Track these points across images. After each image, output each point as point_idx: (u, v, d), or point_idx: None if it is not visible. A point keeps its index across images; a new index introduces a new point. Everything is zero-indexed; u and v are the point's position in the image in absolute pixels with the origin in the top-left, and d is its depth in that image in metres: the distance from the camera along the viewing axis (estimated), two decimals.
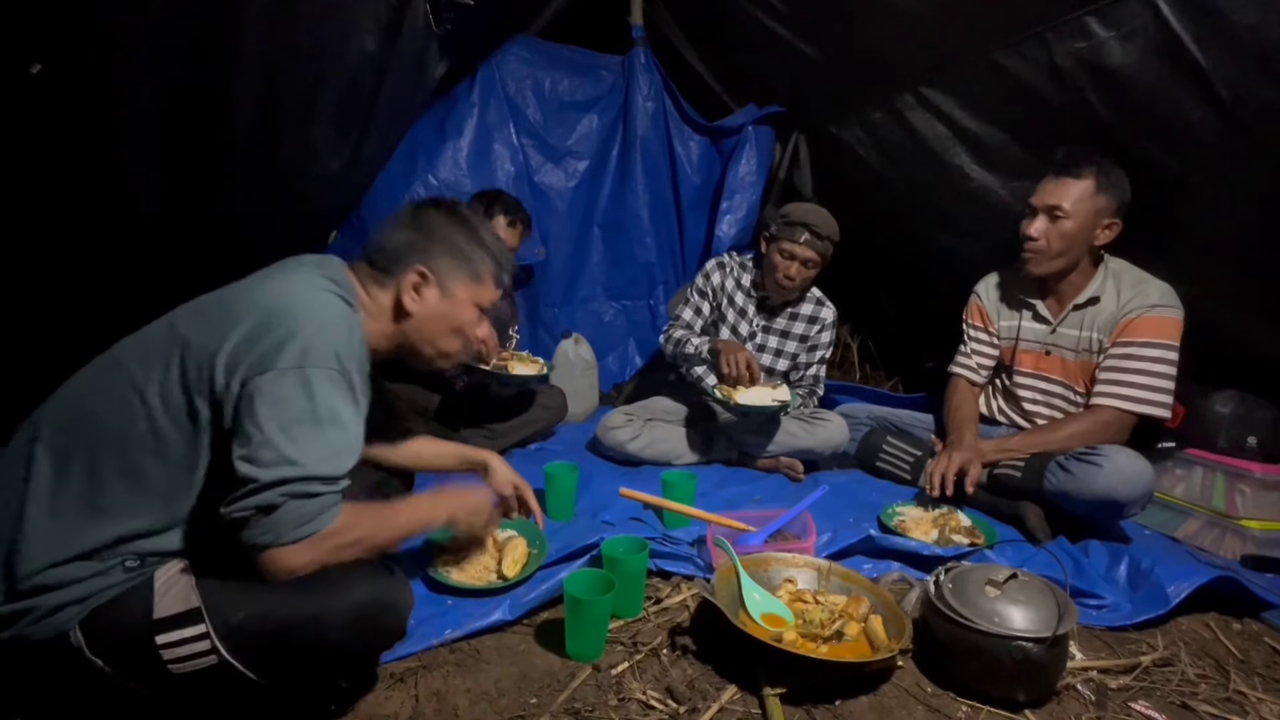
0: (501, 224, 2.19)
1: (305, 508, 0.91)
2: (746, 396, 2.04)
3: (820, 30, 2.50)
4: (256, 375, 0.90)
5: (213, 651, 0.89)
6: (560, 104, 3.02)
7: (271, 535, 0.90)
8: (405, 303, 1.14)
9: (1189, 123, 1.71)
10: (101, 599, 0.90)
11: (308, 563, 0.93)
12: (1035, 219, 1.86)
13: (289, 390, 0.91)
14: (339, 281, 1.07)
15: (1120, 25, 1.70)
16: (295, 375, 0.92)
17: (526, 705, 1.13)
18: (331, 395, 0.94)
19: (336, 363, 0.96)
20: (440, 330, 1.19)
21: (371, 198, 2.67)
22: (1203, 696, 1.25)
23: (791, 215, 2.20)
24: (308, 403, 0.92)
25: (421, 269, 1.14)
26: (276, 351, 0.92)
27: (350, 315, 1.04)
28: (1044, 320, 1.99)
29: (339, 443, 0.95)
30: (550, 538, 1.53)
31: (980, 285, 2.15)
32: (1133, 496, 1.65)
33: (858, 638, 1.27)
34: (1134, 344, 1.80)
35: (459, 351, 1.23)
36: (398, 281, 1.15)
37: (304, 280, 1.02)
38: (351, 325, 1.03)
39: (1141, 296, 1.82)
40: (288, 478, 0.89)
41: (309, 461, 0.91)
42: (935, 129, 2.36)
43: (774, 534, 1.62)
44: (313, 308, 0.98)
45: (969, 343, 2.15)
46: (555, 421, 2.46)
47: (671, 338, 2.33)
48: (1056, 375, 1.97)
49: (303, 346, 0.93)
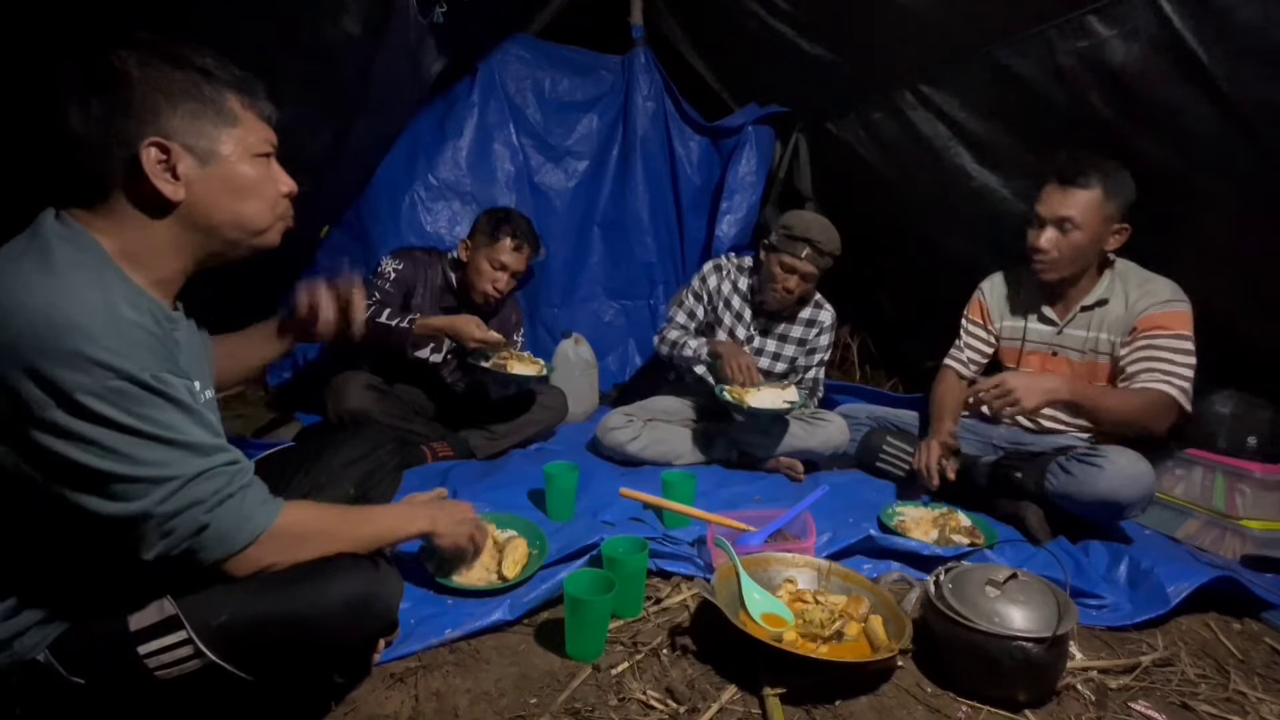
0: (507, 246, 2.18)
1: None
2: (758, 399, 2.04)
3: (821, 28, 2.50)
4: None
5: (197, 655, 0.86)
6: (560, 104, 3.02)
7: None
8: (165, 192, 0.86)
9: (1190, 121, 1.71)
10: (63, 623, 0.87)
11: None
12: (1044, 230, 1.83)
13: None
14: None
15: (1122, 24, 1.70)
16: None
17: (526, 705, 1.13)
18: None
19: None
20: (231, 204, 0.92)
21: (371, 197, 2.68)
22: (1203, 696, 1.25)
23: (794, 229, 2.17)
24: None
25: (155, 140, 0.85)
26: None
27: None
28: (1050, 322, 1.97)
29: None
30: (550, 538, 1.53)
31: (986, 283, 2.14)
32: (1134, 498, 1.65)
33: (858, 638, 1.27)
34: (1163, 335, 1.76)
35: (269, 218, 0.96)
36: (125, 179, 0.85)
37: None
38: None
39: (1151, 295, 1.80)
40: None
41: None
42: (935, 128, 2.36)
43: (774, 534, 1.61)
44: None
45: (965, 337, 2.15)
46: (555, 421, 2.46)
47: (666, 339, 2.33)
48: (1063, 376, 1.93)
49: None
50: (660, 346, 2.36)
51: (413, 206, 2.73)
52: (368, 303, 2.08)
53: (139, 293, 0.86)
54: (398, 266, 2.21)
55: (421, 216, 2.73)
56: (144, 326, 0.82)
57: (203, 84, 0.89)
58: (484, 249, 2.20)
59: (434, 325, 2.07)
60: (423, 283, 2.25)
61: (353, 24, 1.80)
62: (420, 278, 2.24)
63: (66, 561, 0.87)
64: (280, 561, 0.91)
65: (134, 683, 0.87)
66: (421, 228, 2.72)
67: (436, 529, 1.18)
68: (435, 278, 2.27)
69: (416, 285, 2.24)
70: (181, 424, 0.83)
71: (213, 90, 0.89)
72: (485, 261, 2.19)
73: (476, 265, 2.21)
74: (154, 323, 0.84)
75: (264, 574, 0.90)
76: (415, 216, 2.72)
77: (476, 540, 1.33)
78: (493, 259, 2.19)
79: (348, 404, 2.02)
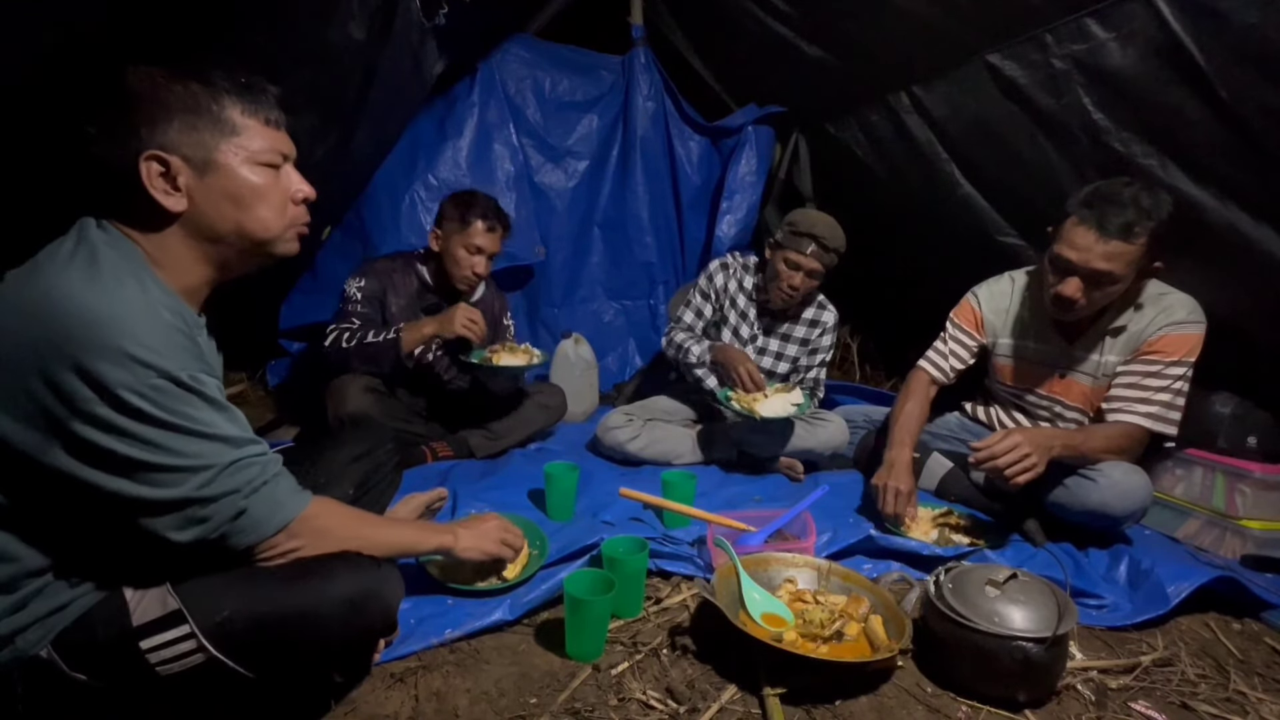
0: (480, 229, 2.16)
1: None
2: (767, 408, 2.02)
3: (820, 29, 2.50)
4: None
5: (200, 650, 0.87)
6: (560, 104, 3.02)
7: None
8: (165, 205, 0.88)
9: (1188, 125, 1.71)
10: (66, 618, 0.88)
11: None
12: (1071, 279, 1.62)
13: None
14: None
15: (1120, 27, 1.70)
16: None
17: (526, 705, 1.13)
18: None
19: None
20: (234, 214, 0.92)
21: (371, 197, 2.68)
22: (1203, 696, 1.25)
23: (799, 225, 2.16)
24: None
25: (151, 153, 0.86)
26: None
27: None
28: (1059, 341, 1.84)
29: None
30: (550, 538, 1.53)
31: (982, 290, 1.99)
32: (1127, 511, 1.63)
33: (858, 638, 1.27)
34: (1159, 361, 1.69)
35: (278, 226, 0.96)
36: (137, 192, 0.87)
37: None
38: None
39: (1166, 313, 1.70)
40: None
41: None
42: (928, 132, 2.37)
43: (774, 534, 1.62)
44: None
45: (948, 342, 2.00)
46: (555, 421, 2.46)
47: (673, 341, 2.33)
48: (1072, 400, 1.86)
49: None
50: (668, 348, 2.36)
51: (413, 206, 2.72)
52: (350, 329, 2.07)
53: (173, 296, 0.90)
54: (361, 285, 2.14)
55: (421, 216, 2.73)
56: (179, 328, 0.86)
57: (201, 95, 0.90)
58: (456, 235, 2.15)
59: (423, 331, 2.05)
60: (393, 290, 2.19)
61: (358, 29, 1.80)
62: (389, 285, 2.19)
63: (87, 551, 0.89)
64: (307, 549, 0.95)
65: (135, 679, 0.88)
66: (421, 228, 2.71)
67: (459, 543, 1.22)
68: (407, 281, 2.22)
69: (387, 294, 2.18)
70: (215, 419, 0.87)
71: (211, 100, 0.90)
72: (460, 248, 2.15)
73: (452, 253, 2.17)
74: (186, 325, 0.88)
75: (278, 564, 0.94)
76: (415, 216, 2.72)
77: (510, 542, 1.33)
78: (467, 244, 2.15)
79: (347, 407, 2.02)
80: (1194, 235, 1.85)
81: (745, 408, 2.02)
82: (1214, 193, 1.77)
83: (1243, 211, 1.75)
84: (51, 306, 0.79)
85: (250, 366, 2.82)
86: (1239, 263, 1.81)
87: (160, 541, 0.86)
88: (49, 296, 0.79)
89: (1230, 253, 1.81)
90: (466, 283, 2.21)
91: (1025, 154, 2.11)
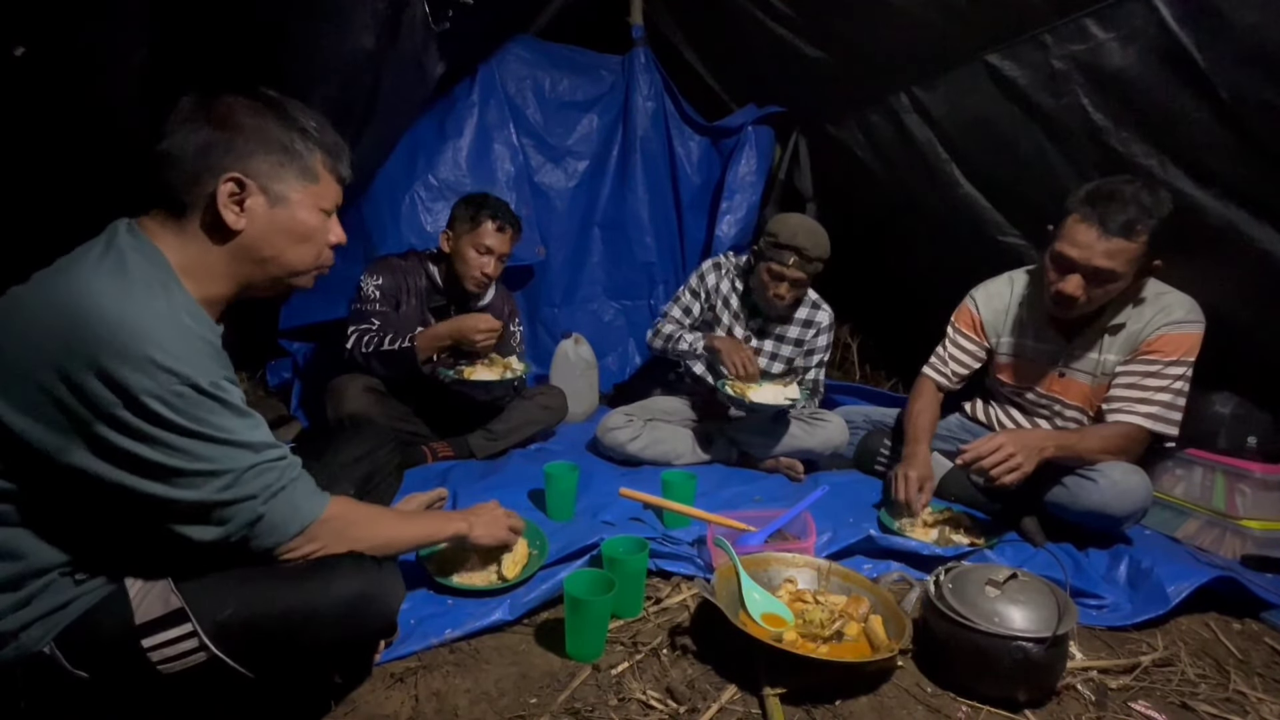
0: (490, 230, 2.16)
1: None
2: (760, 395, 2.04)
3: (820, 30, 2.50)
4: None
5: (202, 649, 0.88)
6: (560, 104, 3.02)
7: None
8: (227, 220, 0.93)
9: (1188, 124, 1.71)
10: (69, 615, 0.88)
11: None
12: (1073, 277, 1.64)
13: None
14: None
15: (1119, 27, 1.70)
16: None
17: (526, 705, 1.13)
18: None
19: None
20: (283, 245, 0.99)
21: (371, 197, 2.68)
22: (1203, 696, 1.25)
23: (780, 236, 2.14)
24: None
25: (235, 175, 0.92)
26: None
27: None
28: (1058, 340, 1.86)
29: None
30: (550, 538, 1.53)
31: (979, 292, 2.01)
32: (1127, 511, 1.63)
33: (858, 638, 1.27)
34: (1158, 361, 1.69)
35: (311, 264, 1.04)
36: (204, 203, 0.92)
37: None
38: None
39: (1165, 313, 1.70)
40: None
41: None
42: (928, 132, 2.36)
43: (774, 534, 1.62)
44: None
45: (950, 347, 2.03)
46: (555, 421, 2.46)
47: (660, 333, 2.33)
48: (1071, 398, 1.87)
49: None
50: (654, 341, 2.35)
51: (413, 206, 2.73)
52: (369, 330, 2.07)
53: (195, 304, 0.92)
54: (378, 282, 2.15)
55: (422, 216, 2.73)
56: (203, 335, 0.89)
57: (298, 141, 0.98)
58: (466, 236, 2.17)
59: (439, 336, 2.05)
60: (405, 289, 2.21)
61: (369, 39, 1.81)
62: (402, 284, 2.20)
63: (94, 549, 0.90)
64: (328, 549, 0.98)
65: (137, 677, 0.89)
66: (422, 228, 2.72)
67: (474, 531, 1.28)
68: (418, 280, 2.23)
69: (401, 293, 2.20)
70: (236, 426, 0.89)
71: (304, 147, 0.99)
72: (470, 249, 2.17)
73: (461, 254, 2.18)
74: (209, 332, 0.91)
75: (281, 565, 0.95)
76: (415, 216, 2.72)
77: (515, 526, 1.40)
78: (477, 244, 2.16)
79: (347, 407, 2.02)
80: (1194, 235, 1.85)
81: (737, 392, 2.03)
82: (1214, 192, 1.77)
83: (1242, 211, 1.75)
84: (78, 309, 0.80)
85: (250, 366, 2.82)
86: (1239, 262, 1.81)
87: (177, 539, 0.88)
88: (76, 299, 0.81)
89: (1230, 252, 1.81)
90: (476, 284, 2.22)
91: (1025, 154, 2.11)
